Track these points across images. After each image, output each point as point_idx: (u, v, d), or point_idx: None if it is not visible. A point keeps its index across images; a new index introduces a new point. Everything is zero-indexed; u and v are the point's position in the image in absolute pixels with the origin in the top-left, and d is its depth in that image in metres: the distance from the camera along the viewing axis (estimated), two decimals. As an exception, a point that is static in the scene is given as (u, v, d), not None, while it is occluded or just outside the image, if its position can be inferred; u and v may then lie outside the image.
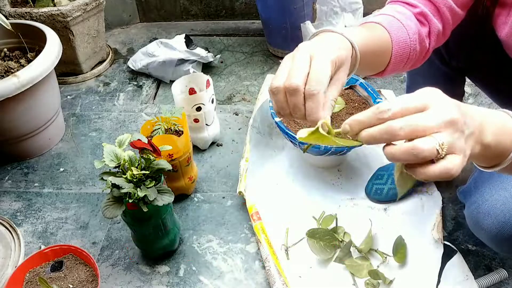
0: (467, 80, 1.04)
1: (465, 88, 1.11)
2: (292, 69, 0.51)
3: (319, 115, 0.51)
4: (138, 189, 0.84)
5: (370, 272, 0.97)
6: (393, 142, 0.42)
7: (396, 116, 0.42)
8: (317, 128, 0.46)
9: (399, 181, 0.49)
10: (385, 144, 0.43)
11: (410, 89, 1.05)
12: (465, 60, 0.89)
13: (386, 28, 0.65)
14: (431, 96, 0.43)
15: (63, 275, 0.96)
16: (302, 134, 0.46)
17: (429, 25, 0.68)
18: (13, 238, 1.10)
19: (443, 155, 0.40)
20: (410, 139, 0.41)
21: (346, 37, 0.56)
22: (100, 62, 1.75)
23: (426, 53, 0.71)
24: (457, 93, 1.01)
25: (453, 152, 0.41)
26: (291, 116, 0.54)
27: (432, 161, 0.41)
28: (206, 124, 1.27)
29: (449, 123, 0.41)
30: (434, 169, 0.41)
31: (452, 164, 0.40)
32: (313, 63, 0.51)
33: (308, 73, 0.50)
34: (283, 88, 0.51)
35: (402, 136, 0.41)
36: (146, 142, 0.89)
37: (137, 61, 1.67)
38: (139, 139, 0.90)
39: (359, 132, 0.44)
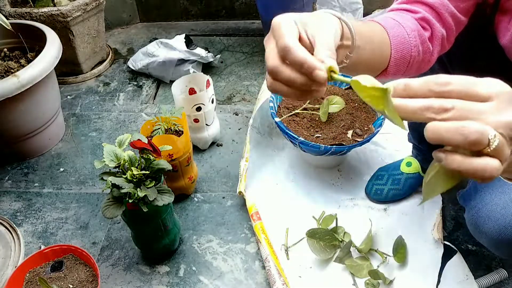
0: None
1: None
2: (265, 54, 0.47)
3: (309, 60, 0.43)
4: (138, 189, 0.84)
5: (370, 272, 0.97)
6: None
7: (452, 95, 0.37)
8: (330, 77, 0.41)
9: (431, 183, 0.42)
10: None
11: None
12: (467, 67, 0.89)
13: (381, 24, 0.65)
14: (500, 90, 0.37)
15: (63, 275, 0.96)
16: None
17: (431, 29, 0.68)
18: (13, 238, 1.10)
19: (490, 149, 0.35)
20: None
21: (337, 16, 0.53)
22: (100, 62, 1.75)
23: (430, 57, 0.70)
24: None
25: (498, 156, 0.36)
26: (301, 95, 0.46)
27: (475, 154, 0.37)
28: (206, 124, 1.27)
29: (507, 126, 0.36)
30: (474, 162, 0.36)
31: (492, 167, 0.36)
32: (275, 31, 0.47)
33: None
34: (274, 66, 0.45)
35: (449, 117, 0.36)
36: (146, 142, 0.89)
37: (137, 61, 1.67)
38: (139, 139, 0.90)
39: (399, 101, 0.38)
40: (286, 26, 0.46)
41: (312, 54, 0.45)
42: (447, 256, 1.01)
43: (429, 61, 0.70)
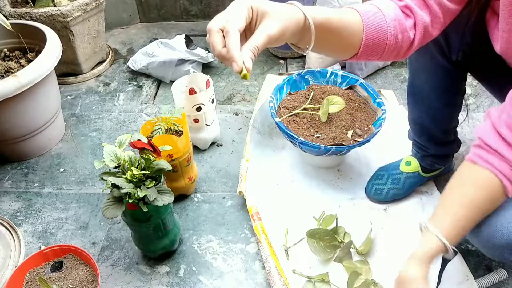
0: (468, 80, 1.04)
1: (465, 88, 1.10)
2: (217, 15, 0.58)
3: (233, 52, 0.54)
4: (138, 189, 0.84)
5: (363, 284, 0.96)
6: None
7: None
8: (241, 72, 0.53)
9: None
10: None
11: (413, 85, 1.05)
12: (466, 53, 0.89)
13: (359, 12, 0.68)
14: None
15: (63, 275, 0.96)
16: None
17: (414, 17, 0.70)
18: (13, 238, 1.10)
19: None
20: None
21: (302, 10, 0.60)
22: (100, 62, 1.75)
23: (411, 45, 0.72)
24: (458, 90, 1.01)
25: None
26: (221, 57, 0.57)
27: None
28: (206, 124, 1.27)
29: None
30: None
31: None
32: (231, 9, 0.58)
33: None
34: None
35: None
36: (146, 142, 0.90)
37: (137, 61, 1.67)
38: (139, 139, 0.90)
39: None
40: (238, 10, 0.57)
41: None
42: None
43: (409, 48, 0.73)
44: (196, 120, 1.24)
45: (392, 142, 1.30)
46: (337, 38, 0.66)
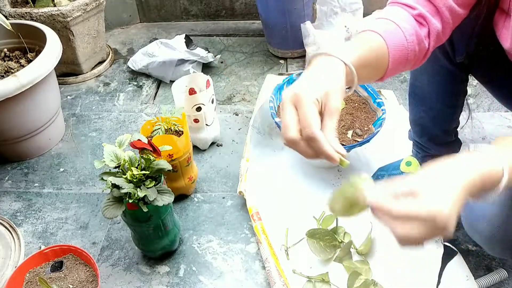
0: (469, 80, 1.04)
1: (467, 89, 1.11)
2: (283, 123, 0.56)
3: (326, 150, 0.54)
4: (138, 189, 0.84)
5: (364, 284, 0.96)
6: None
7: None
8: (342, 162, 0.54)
9: (341, 206, 0.57)
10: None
11: (414, 86, 1.05)
12: (469, 55, 0.89)
13: (382, 35, 0.66)
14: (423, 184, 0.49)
15: (63, 275, 0.96)
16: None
17: (428, 26, 0.69)
18: (13, 238, 1.10)
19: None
20: None
21: (341, 59, 0.59)
22: (100, 62, 1.75)
23: (426, 53, 0.71)
24: (459, 91, 1.01)
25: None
26: (313, 157, 0.58)
27: None
28: (206, 124, 1.27)
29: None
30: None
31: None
32: (299, 111, 0.56)
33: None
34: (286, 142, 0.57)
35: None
36: (146, 142, 0.90)
37: (137, 61, 1.67)
38: (139, 139, 0.90)
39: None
40: (311, 110, 0.55)
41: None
42: (447, 256, 1.01)
43: (424, 57, 0.72)
44: (196, 120, 1.24)
45: (392, 142, 1.30)
46: (368, 70, 0.65)
